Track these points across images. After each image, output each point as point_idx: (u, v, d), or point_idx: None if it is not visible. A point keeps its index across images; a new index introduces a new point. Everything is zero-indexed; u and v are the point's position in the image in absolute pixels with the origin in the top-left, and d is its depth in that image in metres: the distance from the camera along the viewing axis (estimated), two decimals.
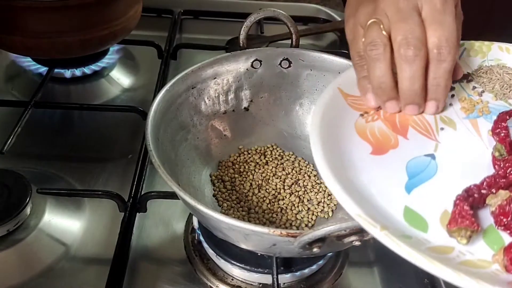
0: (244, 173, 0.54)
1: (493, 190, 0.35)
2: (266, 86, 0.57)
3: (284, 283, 0.49)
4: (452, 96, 0.45)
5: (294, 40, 0.57)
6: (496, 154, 0.38)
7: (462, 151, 0.40)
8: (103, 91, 0.74)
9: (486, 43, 0.50)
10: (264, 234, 0.37)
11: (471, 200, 0.34)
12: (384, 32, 0.40)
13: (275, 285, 0.45)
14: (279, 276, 0.46)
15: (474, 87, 0.46)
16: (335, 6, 1.03)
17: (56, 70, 0.72)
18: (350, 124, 0.41)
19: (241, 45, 0.55)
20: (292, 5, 0.94)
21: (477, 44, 0.50)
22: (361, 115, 0.42)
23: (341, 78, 0.46)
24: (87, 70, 0.74)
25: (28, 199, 0.50)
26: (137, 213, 0.53)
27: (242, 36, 0.55)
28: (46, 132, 0.66)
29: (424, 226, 0.33)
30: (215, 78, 0.54)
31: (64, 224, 0.53)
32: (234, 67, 0.55)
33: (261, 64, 0.56)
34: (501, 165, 0.37)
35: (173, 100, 0.51)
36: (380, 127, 0.42)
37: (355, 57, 0.43)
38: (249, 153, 0.56)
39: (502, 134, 0.40)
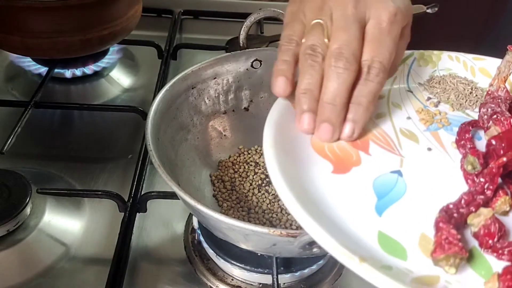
0: (244, 173, 0.54)
1: (472, 209, 0.32)
2: (266, 86, 0.57)
3: (284, 283, 0.49)
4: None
5: None
6: (469, 167, 0.35)
7: (428, 166, 0.37)
8: (103, 91, 0.74)
9: (436, 52, 0.49)
10: (264, 234, 0.37)
11: (454, 221, 0.31)
12: (326, 40, 0.38)
13: (275, 285, 0.45)
14: (279, 276, 0.46)
15: (429, 98, 0.45)
16: None
17: (56, 70, 0.72)
18: (306, 140, 0.38)
19: (241, 45, 0.55)
20: None
21: (426, 53, 0.49)
22: None
23: None
24: (87, 70, 0.74)
25: (28, 199, 0.50)
26: (137, 213, 0.53)
27: (242, 36, 0.55)
28: (46, 132, 0.66)
29: (403, 254, 0.30)
30: (215, 78, 0.54)
31: (64, 224, 0.53)
32: (234, 67, 0.55)
33: (261, 64, 0.56)
34: (475, 180, 0.34)
35: (173, 100, 0.51)
36: (338, 143, 0.38)
37: (285, 40, 0.41)
38: (249, 153, 0.56)
39: (469, 146, 0.38)
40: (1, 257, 0.49)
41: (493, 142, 0.34)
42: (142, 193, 0.55)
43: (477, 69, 0.48)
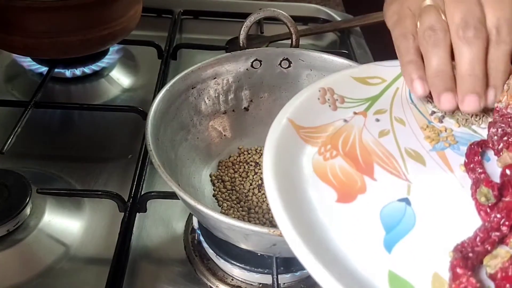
0: (244, 173, 0.54)
1: (488, 247, 0.30)
2: (266, 86, 0.57)
3: (284, 283, 0.49)
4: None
5: (294, 40, 0.57)
6: (482, 199, 0.32)
7: (437, 193, 0.35)
8: (103, 91, 0.74)
9: None
10: (264, 234, 0.37)
11: (470, 264, 0.29)
12: (443, 16, 0.38)
13: (275, 285, 0.45)
14: (279, 276, 0.46)
15: (433, 112, 0.43)
16: (335, 6, 1.03)
17: (56, 70, 0.72)
18: (308, 164, 0.36)
19: (241, 45, 0.55)
20: (292, 5, 0.94)
21: None
22: (318, 151, 0.37)
23: (290, 107, 0.40)
24: (87, 70, 0.74)
25: (28, 199, 0.50)
26: (137, 213, 0.53)
27: (242, 36, 0.55)
28: (46, 132, 0.66)
29: None
30: (215, 78, 0.54)
31: (64, 224, 0.53)
32: (234, 67, 0.55)
33: (261, 64, 0.56)
34: (488, 211, 0.32)
35: (173, 100, 0.51)
36: (341, 166, 0.36)
37: (400, 39, 0.40)
38: (249, 153, 0.56)
39: (480, 170, 0.35)
40: (1, 257, 0.49)
41: (508, 172, 0.33)
42: (142, 193, 0.55)
43: None
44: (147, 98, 0.70)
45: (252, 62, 0.56)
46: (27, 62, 0.73)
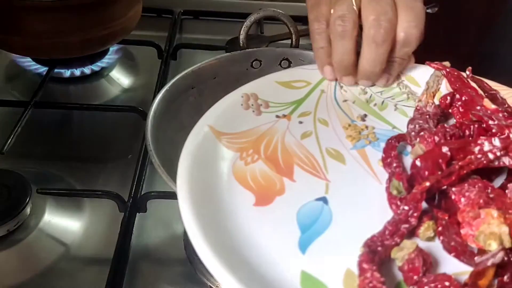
0: None
1: (397, 239, 0.30)
2: None
3: None
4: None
5: (294, 40, 0.57)
6: (394, 192, 0.33)
7: (355, 190, 0.35)
8: (103, 91, 0.74)
9: None
10: None
11: (377, 258, 0.29)
12: (355, 7, 0.39)
13: None
14: None
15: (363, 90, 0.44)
16: None
17: (56, 70, 0.72)
18: (228, 170, 0.35)
19: (241, 45, 0.55)
20: (292, 5, 0.94)
21: None
22: (240, 156, 0.37)
23: (211, 114, 0.40)
24: (87, 70, 0.74)
25: (28, 199, 0.50)
26: (137, 213, 0.53)
27: (242, 36, 0.55)
28: (46, 132, 0.66)
29: None
30: (215, 78, 0.54)
31: (64, 224, 0.53)
32: (234, 67, 0.55)
33: (261, 64, 0.56)
34: (399, 205, 0.32)
35: (173, 100, 0.51)
36: (262, 169, 0.36)
37: (314, 23, 0.42)
38: None
39: (395, 165, 0.35)
40: (1, 257, 0.49)
41: (418, 163, 0.33)
42: (142, 193, 0.55)
43: (404, 77, 0.46)
44: (147, 98, 0.70)
45: (252, 62, 0.56)
46: (27, 62, 0.73)
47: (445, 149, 0.33)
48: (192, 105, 0.53)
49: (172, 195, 0.52)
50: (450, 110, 0.41)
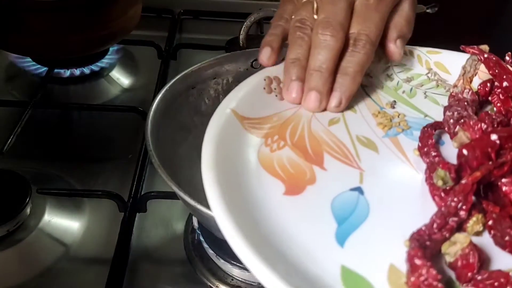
0: None
1: (446, 233, 0.28)
2: None
3: None
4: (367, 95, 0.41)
5: None
6: (439, 183, 0.30)
7: (391, 180, 0.33)
8: (103, 91, 0.74)
9: None
10: None
11: (428, 253, 0.27)
12: (315, 16, 0.40)
13: None
14: None
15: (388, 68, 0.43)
16: None
17: (56, 70, 0.72)
18: (253, 156, 0.34)
19: (241, 45, 0.55)
20: None
21: (378, 49, 0.44)
22: (265, 143, 0.35)
23: (233, 98, 0.38)
24: (87, 70, 0.74)
25: (28, 199, 0.50)
26: (137, 213, 0.53)
27: (242, 36, 0.55)
28: (46, 132, 0.66)
29: None
30: (215, 78, 0.54)
31: (64, 224, 0.53)
32: (234, 67, 0.55)
33: (261, 64, 0.56)
34: (443, 197, 0.30)
35: (173, 100, 0.51)
36: (289, 157, 0.34)
37: (276, 17, 0.44)
38: None
39: (434, 154, 0.33)
40: (1, 257, 0.49)
41: (465, 152, 0.30)
42: (142, 193, 0.55)
43: (432, 63, 0.45)
44: (147, 98, 0.70)
45: (252, 62, 0.55)
46: (27, 62, 0.73)
47: (494, 137, 0.30)
48: (192, 105, 0.53)
49: (172, 195, 0.52)
50: (489, 98, 0.39)
